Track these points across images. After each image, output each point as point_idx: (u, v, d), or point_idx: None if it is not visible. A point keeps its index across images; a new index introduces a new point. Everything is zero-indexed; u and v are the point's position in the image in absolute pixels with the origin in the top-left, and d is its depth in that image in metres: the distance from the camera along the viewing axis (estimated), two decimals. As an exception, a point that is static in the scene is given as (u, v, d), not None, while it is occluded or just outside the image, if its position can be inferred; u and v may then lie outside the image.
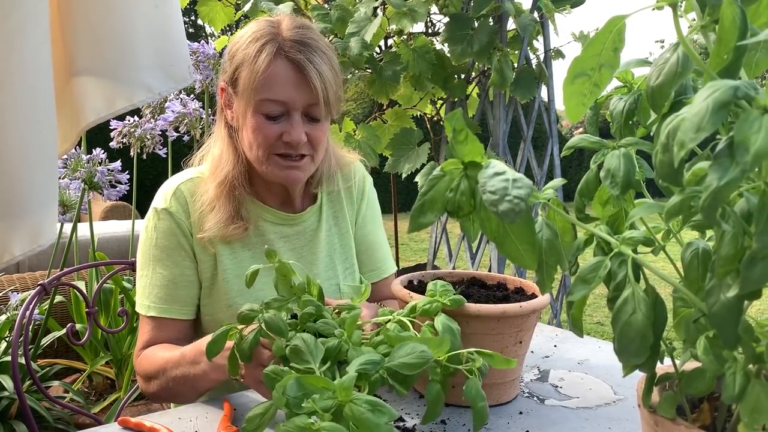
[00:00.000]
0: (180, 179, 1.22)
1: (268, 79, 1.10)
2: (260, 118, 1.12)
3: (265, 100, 1.10)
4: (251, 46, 1.12)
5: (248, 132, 1.14)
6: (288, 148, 1.14)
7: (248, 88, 1.11)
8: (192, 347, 1.05)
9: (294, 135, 1.12)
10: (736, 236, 0.43)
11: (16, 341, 1.34)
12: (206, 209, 1.18)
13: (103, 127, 1.93)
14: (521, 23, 2.28)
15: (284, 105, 1.11)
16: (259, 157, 1.15)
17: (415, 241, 8.27)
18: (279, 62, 1.10)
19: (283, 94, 1.11)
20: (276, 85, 1.10)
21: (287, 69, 1.10)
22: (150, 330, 1.17)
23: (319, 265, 1.27)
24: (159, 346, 1.15)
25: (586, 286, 0.53)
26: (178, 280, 1.17)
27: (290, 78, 1.11)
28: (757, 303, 4.58)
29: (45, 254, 1.86)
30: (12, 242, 1.26)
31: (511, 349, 0.96)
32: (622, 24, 0.52)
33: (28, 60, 1.20)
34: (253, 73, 1.10)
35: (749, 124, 0.39)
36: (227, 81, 1.17)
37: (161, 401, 1.21)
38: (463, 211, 0.54)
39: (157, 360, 1.11)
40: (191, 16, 13.77)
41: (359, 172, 1.39)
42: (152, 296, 1.17)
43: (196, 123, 2.58)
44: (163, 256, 1.17)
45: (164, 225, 1.18)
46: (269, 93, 1.10)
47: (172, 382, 1.07)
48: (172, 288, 1.17)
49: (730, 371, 0.47)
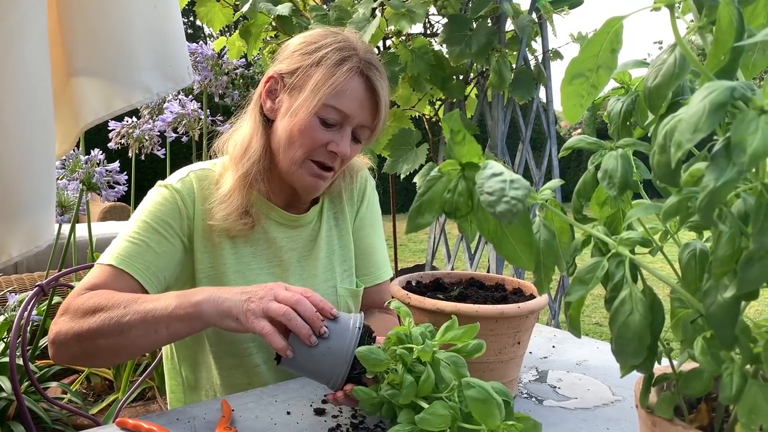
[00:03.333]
0: (192, 168, 1.23)
1: (343, 89, 1.12)
2: (316, 121, 1.12)
3: (330, 106, 1.12)
4: (333, 53, 1.13)
5: (294, 129, 1.13)
6: (328, 157, 1.15)
7: (319, 89, 1.11)
8: (177, 292, 0.99)
9: (342, 147, 1.14)
10: (733, 237, 0.43)
11: (14, 342, 1.34)
12: (217, 199, 1.16)
13: (102, 128, 1.93)
14: (519, 24, 2.28)
15: (344, 118, 1.13)
16: (294, 158, 1.15)
17: (414, 241, 8.27)
18: (357, 78, 1.13)
19: (350, 108, 1.13)
20: (346, 98, 1.12)
21: (362, 87, 1.14)
22: (102, 275, 1.08)
23: (318, 266, 1.27)
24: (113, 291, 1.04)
25: (583, 286, 0.53)
26: (153, 246, 1.11)
27: (361, 95, 1.14)
28: (755, 304, 4.58)
29: (43, 255, 1.86)
30: (9, 243, 1.26)
31: (510, 349, 0.96)
32: (619, 25, 0.52)
33: (25, 60, 1.20)
34: (332, 78, 1.11)
35: (746, 124, 0.39)
36: (284, 72, 1.16)
37: (77, 358, 1.09)
38: (461, 212, 0.54)
39: (116, 295, 1.01)
40: (190, 16, 13.78)
41: (362, 173, 1.39)
42: (120, 249, 1.10)
43: (194, 124, 2.58)
44: (148, 225, 1.13)
45: (163, 200, 1.16)
46: (338, 102, 1.12)
47: (130, 316, 0.97)
48: (144, 250, 1.10)
49: (728, 372, 0.47)
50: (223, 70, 2.53)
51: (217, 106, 2.62)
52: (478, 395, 0.69)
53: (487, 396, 0.69)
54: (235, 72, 2.56)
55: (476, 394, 0.69)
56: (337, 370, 0.89)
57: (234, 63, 2.56)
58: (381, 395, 0.81)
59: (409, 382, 0.78)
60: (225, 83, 2.54)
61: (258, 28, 2.43)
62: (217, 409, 0.98)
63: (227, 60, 2.56)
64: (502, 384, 0.76)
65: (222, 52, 2.58)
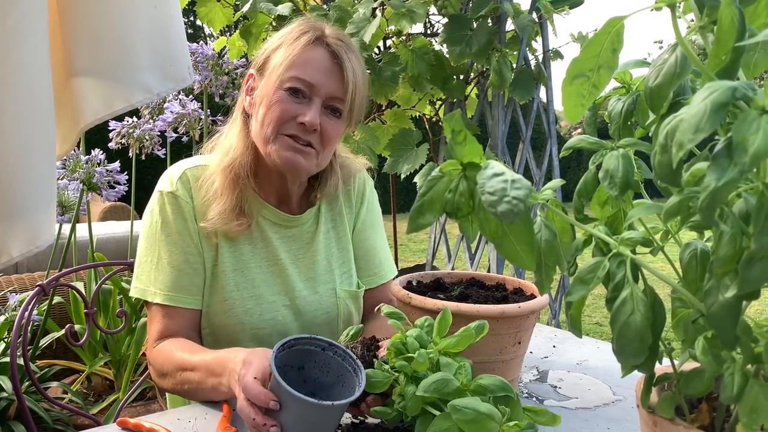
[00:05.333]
0: (186, 164, 1.22)
1: (303, 60, 1.13)
2: (282, 93, 1.13)
3: (293, 77, 1.13)
4: (292, 32, 1.16)
5: (265, 108, 1.14)
6: (299, 130, 1.14)
7: (280, 66, 1.13)
8: (214, 358, 1.01)
9: (309, 116, 1.13)
10: (734, 237, 0.43)
11: (14, 342, 1.34)
12: (210, 197, 1.17)
13: (102, 128, 1.92)
14: (520, 24, 2.28)
15: (310, 88, 1.14)
16: (267, 135, 1.15)
17: (414, 241, 8.27)
18: (318, 48, 1.15)
19: (313, 77, 1.13)
20: (309, 67, 1.13)
21: (324, 55, 1.15)
22: (160, 319, 1.15)
23: (316, 269, 1.27)
24: (175, 342, 1.13)
25: (584, 286, 0.53)
26: (182, 267, 1.16)
27: (324, 65, 1.14)
28: (756, 303, 4.58)
29: (43, 255, 1.86)
30: (10, 243, 1.26)
31: (510, 349, 0.96)
32: (620, 25, 0.52)
33: (26, 60, 1.20)
34: (289, 51, 1.13)
35: (747, 124, 0.39)
36: (256, 67, 1.20)
37: (173, 394, 1.22)
38: (461, 211, 0.53)
39: (175, 359, 1.09)
40: (190, 16, 13.77)
41: (360, 175, 1.38)
42: (158, 282, 1.15)
43: (194, 124, 2.58)
44: (169, 241, 1.16)
45: (170, 209, 1.17)
46: (300, 72, 1.13)
47: (187, 384, 1.06)
48: (177, 275, 1.15)
49: (729, 371, 0.47)
50: (224, 70, 2.53)
51: (217, 106, 2.62)
52: (465, 417, 0.69)
53: (474, 415, 0.69)
54: (236, 72, 2.56)
55: (464, 416, 0.69)
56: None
57: (234, 63, 2.56)
58: (395, 408, 0.81)
59: (412, 394, 0.77)
60: (225, 83, 2.54)
61: (258, 28, 2.43)
62: (218, 409, 0.98)
63: (227, 60, 2.56)
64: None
65: (222, 52, 2.58)
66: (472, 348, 0.87)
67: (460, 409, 0.69)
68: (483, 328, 0.84)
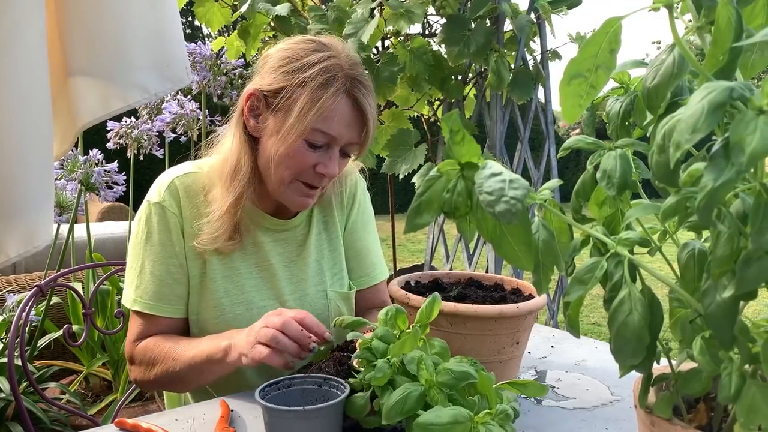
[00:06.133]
0: (176, 173, 1.20)
1: (331, 113, 1.09)
2: (303, 144, 1.10)
3: (318, 130, 1.10)
4: (319, 75, 1.09)
5: (282, 153, 1.11)
6: (316, 179, 1.14)
7: (306, 114, 1.08)
8: (214, 334, 1.10)
9: (330, 169, 1.13)
10: (731, 237, 0.43)
11: (12, 343, 1.34)
12: (203, 209, 1.17)
13: (100, 128, 1.92)
14: (518, 24, 2.28)
15: (332, 140, 1.12)
16: (282, 179, 1.13)
17: (412, 242, 8.27)
18: (344, 99, 1.10)
19: (336, 130, 1.11)
20: (333, 120, 1.10)
21: (347, 107, 1.11)
22: (141, 323, 1.18)
23: (307, 271, 1.27)
24: (160, 336, 1.16)
25: (582, 286, 0.53)
26: (164, 277, 1.16)
27: (347, 115, 1.11)
28: (753, 303, 4.59)
29: (41, 255, 1.86)
30: (7, 244, 1.26)
31: (508, 349, 0.97)
32: (618, 25, 0.52)
33: (23, 60, 1.20)
34: (318, 102, 1.08)
35: (744, 124, 0.39)
36: (266, 90, 1.12)
37: (156, 388, 1.24)
38: (459, 211, 0.53)
39: (164, 343, 1.12)
40: (188, 17, 13.76)
41: (351, 176, 1.37)
42: (140, 290, 1.17)
43: (193, 124, 2.57)
44: (152, 251, 1.17)
45: (155, 219, 1.17)
46: (325, 125, 1.10)
47: (179, 365, 1.08)
48: (158, 285, 1.16)
49: (726, 371, 0.47)
50: (222, 71, 2.53)
51: (215, 107, 2.62)
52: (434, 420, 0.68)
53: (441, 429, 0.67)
54: (234, 72, 2.56)
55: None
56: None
57: (232, 63, 2.56)
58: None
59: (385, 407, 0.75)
60: (223, 83, 2.54)
61: (256, 28, 2.43)
62: (216, 409, 0.98)
63: (226, 60, 2.56)
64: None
65: (220, 53, 2.58)
66: (470, 348, 0.87)
67: (425, 427, 0.67)
68: (434, 300, 0.84)
